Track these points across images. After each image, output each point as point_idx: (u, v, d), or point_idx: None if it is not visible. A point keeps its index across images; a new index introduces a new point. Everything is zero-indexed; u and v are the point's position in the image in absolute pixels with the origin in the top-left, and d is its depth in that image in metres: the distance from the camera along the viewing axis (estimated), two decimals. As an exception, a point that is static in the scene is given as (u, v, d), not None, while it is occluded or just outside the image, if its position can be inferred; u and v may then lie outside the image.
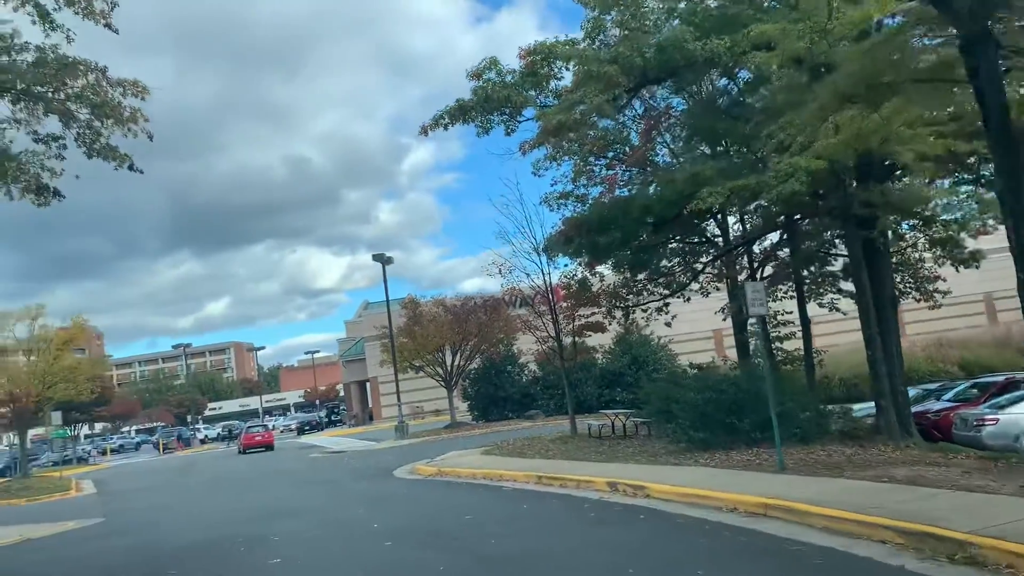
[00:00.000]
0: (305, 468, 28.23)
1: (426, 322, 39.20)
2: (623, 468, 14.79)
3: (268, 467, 31.18)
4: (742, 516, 9.74)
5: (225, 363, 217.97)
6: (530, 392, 42.47)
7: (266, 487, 22.20)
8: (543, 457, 19.42)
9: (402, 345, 39.53)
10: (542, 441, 24.71)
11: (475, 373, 42.88)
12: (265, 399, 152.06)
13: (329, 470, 26.19)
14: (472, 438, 34.15)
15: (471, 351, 40.47)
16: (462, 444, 30.28)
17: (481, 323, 38.78)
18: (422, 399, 58.80)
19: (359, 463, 27.59)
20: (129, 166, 14.15)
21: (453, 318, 38.53)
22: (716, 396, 15.11)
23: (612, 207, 17.14)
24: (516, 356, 43.14)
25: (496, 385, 42.13)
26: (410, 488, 17.72)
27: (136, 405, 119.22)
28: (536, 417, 39.59)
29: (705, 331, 55.94)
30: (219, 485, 24.83)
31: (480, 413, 43.43)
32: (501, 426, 38.37)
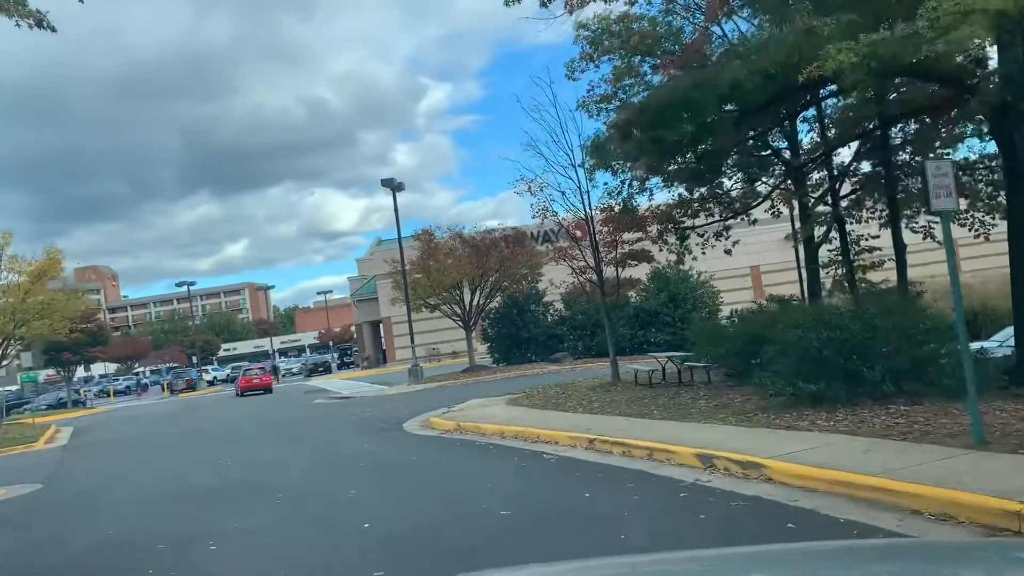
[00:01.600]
0: (303, 417, 24.68)
1: (442, 256, 35.26)
2: (708, 432, 10.90)
3: (263, 415, 27.68)
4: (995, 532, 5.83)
5: (240, 304, 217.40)
6: (556, 333, 38.63)
7: (249, 443, 18.61)
8: (587, 411, 15.60)
9: (416, 281, 35.70)
10: (578, 389, 20.96)
11: (496, 312, 39.05)
12: (280, 340, 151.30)
13: (329, 421, 22.62)
14: (493, 383, 30.51)
15: (491, 288, 36.59)
16: (482, 390, 26.65)
17: (503, 257, 34.80)
18: (438, 340, 55.32)
19: (365, 412, 24.01)
20: (39, 23, 11.41)
21: (472, 251, 34.55)
22: (835, 335, 11.08)
23: (687, 87, 12.99)
24: (541, 294, 39.22)
25: (519, 325, 38.30)
26: (422, 450, 13.98)
27: (146, 345, 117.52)
28: (563, 360, 35.86)
29: (741, 268, 51.80)
30: (199, 439, 21.32)
31: (501, 356, 39.74)
32: (525, 370, 34.70)
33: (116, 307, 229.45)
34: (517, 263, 34.68)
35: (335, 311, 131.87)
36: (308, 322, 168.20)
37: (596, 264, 21.14)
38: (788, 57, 11.30)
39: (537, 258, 35.50)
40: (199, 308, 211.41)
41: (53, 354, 45.59)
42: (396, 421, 19.76)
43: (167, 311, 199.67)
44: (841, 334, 11.11)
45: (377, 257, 59.76)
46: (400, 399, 27.73)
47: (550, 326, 38.89)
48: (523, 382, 28.61)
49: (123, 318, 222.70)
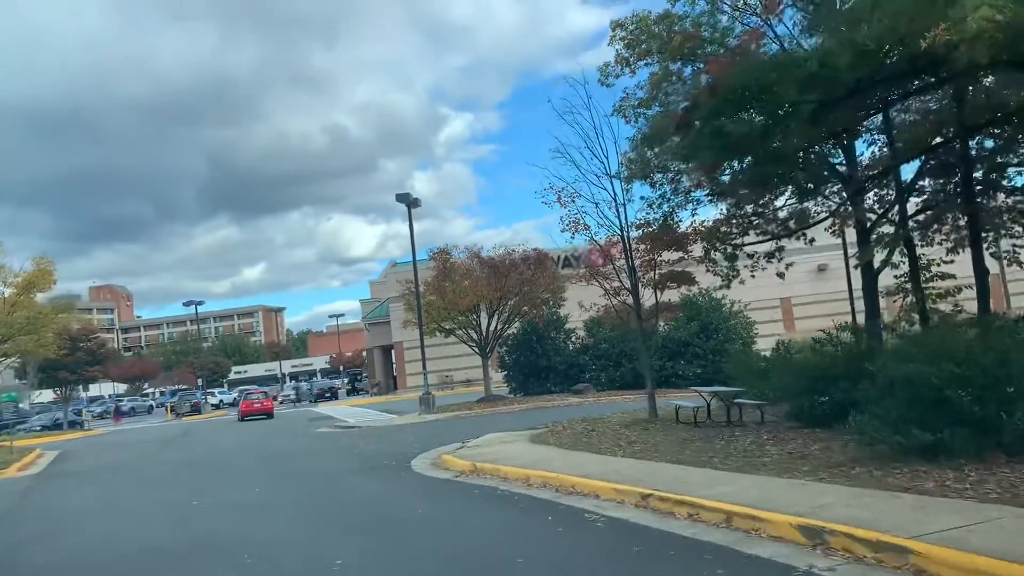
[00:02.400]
0: (300, 449, 22.35)
1: (458, 277, 33.07)
2: (802, 492, 8.50)
3: (259, 444, 25.37)
4: None
5: (254, 327, 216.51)
6: (578, 362, 36.24)
7: (235, 479, 16.30)
8: (628, 454, 13.19)
9: (430, 304, 33.47)
10: (610, 425, 18.56)
11: (514, 339, 36.74)
12: (292, 364, 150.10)
13: (329, 454, 20.27)
14: (511, 415, 28.12)
15: (510, 313, 34.32)
16: (500, 423, 24.30)
17: (523, 279, 32.56)
18: (451, 367, 52.98)
19: (371, 444, 21.68)
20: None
21: (490, 273, 32.33)
22: (961, 372, 8.70)
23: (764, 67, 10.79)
24: (562, 320, 36.90)
25: (538, 353, 35.93)
26: (432, 499, 11.62)
27: (155, 366, 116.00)
28: (586, 392, 33.43)
29: (771, 299, 49.34)
30: (182, 471, 19.02)
31: (518, 385, 37.34)
32: (544, 401, 32.29)
33: (129, 327, 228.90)
34: (538, 286, 32.42)
35: (348, 336, 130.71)
36: (321, 346, 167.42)
37: (632, 285, 18.82)
38: (903, 23, 9.05)
39: (559, 281, 33.26)
40: (212, 330, 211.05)
41: (50, 373, 43.58)
42: (403, 457, 17.41)
43: (180, 332, 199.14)
44: (968, 370, 8.72)
45: (391, 279, 57.67)
46: (409, 431, 25.39)
47: (571, 355, 36.51)
48: (543, 415, 26.23)
49: (136, 338, 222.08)
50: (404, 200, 32.41)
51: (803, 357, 16.25)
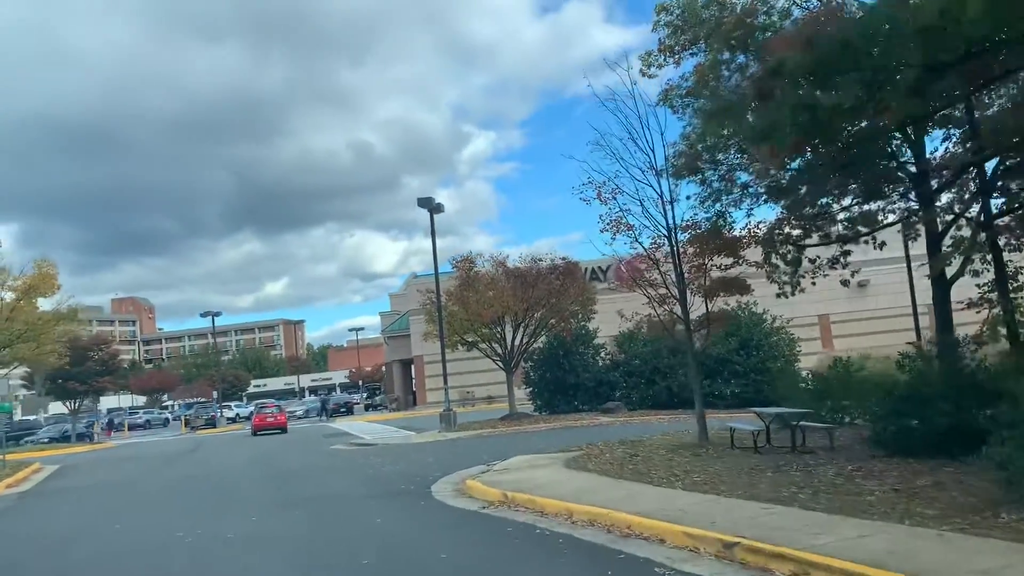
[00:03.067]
0: (311, 468, 20.48)
1: (482, 287, 31.21)
2: (950, 548, 6.50)
3: (268, 461, 23.56)
4: None
5: (274, 340, 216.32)
6: (608, 379, 34.19)
7: (234, 503, 14.46)
8: (688, 486, 11.18)
9: (452, 315, 31.63)
10: (654, 449, 16.58)
11: (539, 353, 34.77)
12: (311, 378, 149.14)
13: (341, 474, 18.39)
14: (538, 435, 26.14)
15: (536, 326, 32.38)
16: (527, 443, 22.37)
17: (551, 290, 30.63)
18: (474, 383, 51.02)
19: (388, 464, 19.78)
20: None
21: (516, 283, 30.45)
22: None
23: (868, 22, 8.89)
24: (591, 335, 34.89)
25: (565, 369, 33.92)
26: (457, 538, 9.71)
27: (174, 379, 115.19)
28: (616, 411, 31.37)
29: (808, 316, 47.02)
30: (179, 492, 17.25)
31: (544, 403, 35.32)
32: (572, 420, 30.27)
33: (151, 339, 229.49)
34: (567, 297, 30.48)
35: (368, 351, 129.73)
36: (341, 361, 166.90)
37: (680, 292, 16.86)
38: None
39: (589, 293, 31.31)
40: (233, 343, 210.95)
41: (59, 382, 42.17)
42: (423, 481, 15.53)
43: (201, 345, 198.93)
44: None
45: (411, 291, 55.93)
46: (429, 449, 23.48)
47: (601, 371, 34.47)
48: (573, 435, 24.26)
49: (157, 350, 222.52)
50: (426, 205, 30.67)
51: (883, 374, 14.20)
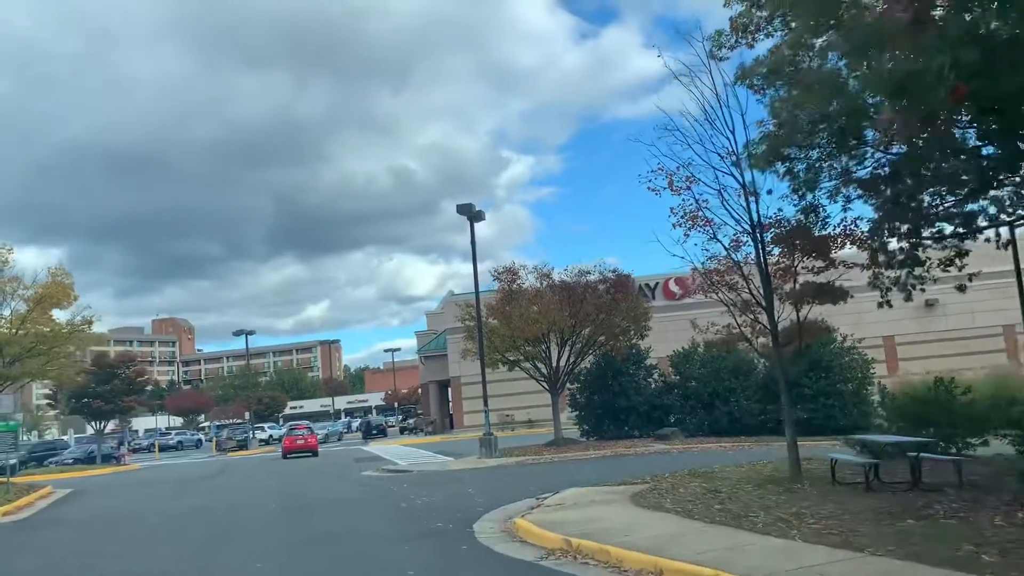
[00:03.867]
0: (339, 499, 18.21)
1: (525, 302, 28.90)
2: None
3: (293, 489, 21.37)
4: None
5: (312, 362, 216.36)
6: (662, 403, 31.51)
7: (246, 542, 12.23)
8: (809, 536, 8.64)
9: (493, 331, 29.32)
10: (736, 484, 14.04)
11: (587, 374, 32.26)
12: (347, 400, 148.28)
13: (372, 507, 16.09)
14: (588, 463, 23.66)
15: (584, 344, 29.94)
16: (578, 473, 19.97)
17: (600, 304, 28.21)
18: (513, 406, 48.55)
19: (423, 495, 17.44)
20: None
21: (563, 297, 28.07)
22: None
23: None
24: (643, 354, 32.30)
25: (615, 391, 31.34)
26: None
27: (209, 399, 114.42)
28: (672, 438, 28.69)
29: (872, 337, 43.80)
30: (187, 526, 15.12)
31: (591, 428, 32.73)
32: (623, 447, 27.68)
33: (190, 360, 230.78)
34: (618, 313, 28.01)
35: (404, 372, 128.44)
36: (377, 383, 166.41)
37: (767, 298, 14.35)
38: None
39: (642, 307, 28.80)
40: (270, 364, 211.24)
41: (84, 401, 40.63)
42: (464, 517, 13.20)
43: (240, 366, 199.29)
44: None
45: (449, 309, 53.82)
46: (469, 479, 21.11)
47: (654, 394, 31.80)
48: (629, 464, 21.79)
49: (196, 371, 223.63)
50: (466, 212, 28.50)
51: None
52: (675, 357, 31.76)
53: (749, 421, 29.37)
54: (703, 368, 30.55)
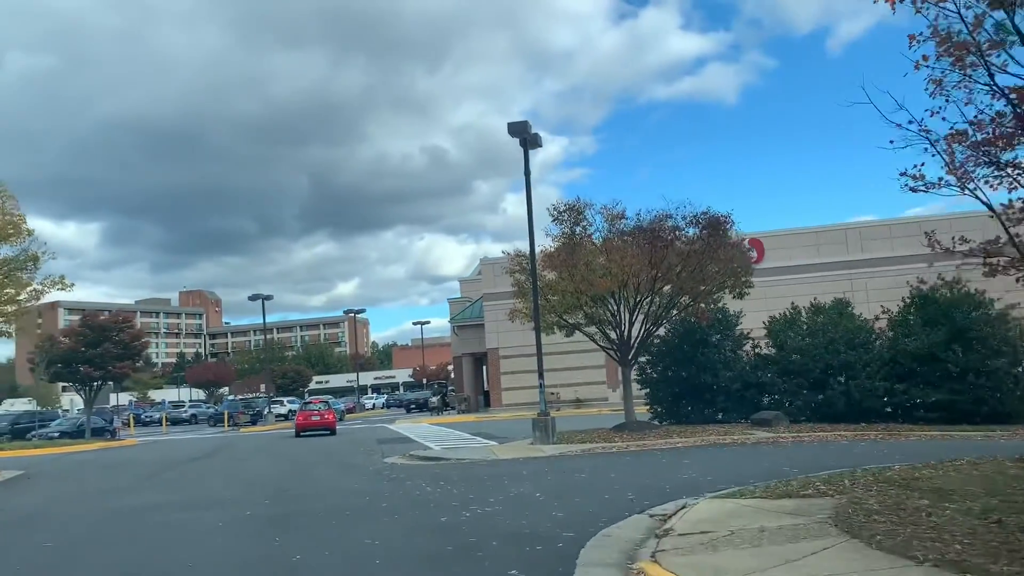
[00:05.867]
0: (344, 502, 12.39)
1: (593, 249, 22.99)
2: None
3: (292, 478, 15.68)
4: None
5: (339, 337, 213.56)
6: (756, 381, 25.31)
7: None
8: None
9: (550, 287, 23.43)
10: (973, 496, 8.07)
11: (661, 344, 26.24)
12: (375, 376, 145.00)
13: (393, 525, 10.29)
14: (681, 455, 17.79)
15: (666, 304, 23.96)
16: (677, 469, 14.34)
17: (690, 253, 22.17)
18: (559, 382, 42.63)
19: (473, 503, 11.63)
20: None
21: (643, 242, 22.04)
22: None
23: None
24: (732, 319, 26.17)
25: (699, 365, 25.26)
26: None
27: (229, 372, 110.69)
28: (775, 424, 22.65)
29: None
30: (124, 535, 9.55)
31: (665, 409, 26.72)
32: (716, 434, 21.73)
33: (217, 333, 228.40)
34: (714, 262, 21.93)
35: (431, 351, 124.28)
36: (405, 359, 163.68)
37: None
38: None
39: (744, 257, 22.70)
40: (298, 339, 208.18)
41: (73, 367, 35.46)
42: (547, 553, 7.51)
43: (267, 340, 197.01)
44: None
45: (487, 273, 47.99)
46: (529, 473, 15.28)
47: (745, 370, 25.64)
48: (740, 459, 16.12)
49: (223, 344, 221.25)
50: (518, 132, 22.48)
51: None
52: (775, 324, 25.63)
53: (871, 404, 23.23)
54: (812, 339, 24.40)
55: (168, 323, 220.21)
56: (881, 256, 42.28)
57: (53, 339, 36.38)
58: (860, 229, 45.57)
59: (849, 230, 45.55)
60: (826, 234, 45.47)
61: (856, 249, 43.93)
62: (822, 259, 43.53)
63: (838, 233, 45.31)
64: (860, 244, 44.12)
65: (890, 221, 46.29)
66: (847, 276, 41.69)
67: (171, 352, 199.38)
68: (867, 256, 43.11)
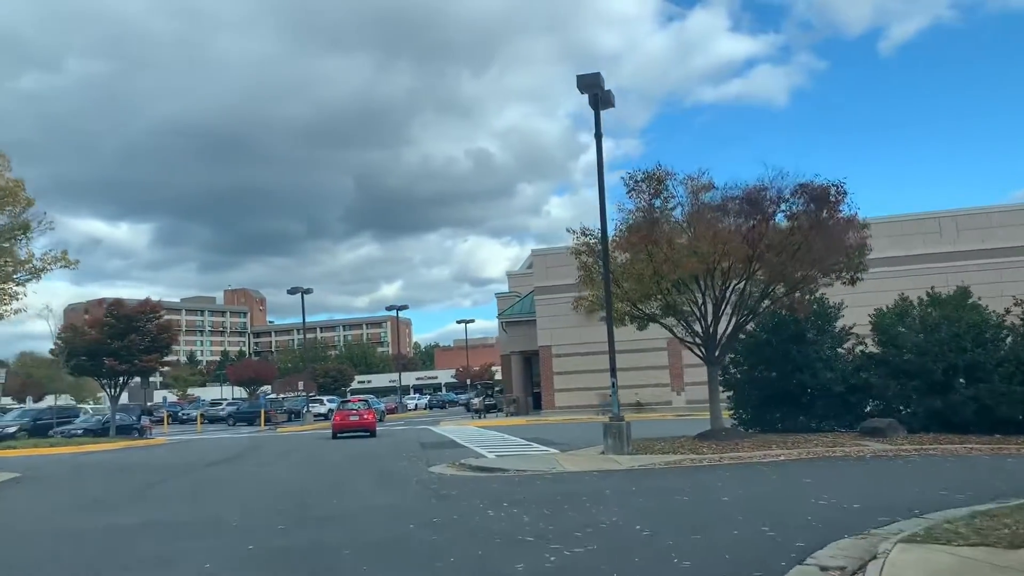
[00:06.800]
0: (386, 539, 9.20)
1: (673, 226, 19.59)
2: None
3: (306, 507, 12.48)
4: None
5: (381, 337, 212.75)
6: (860, 383, 21.59)
7: None
8: None
9: (625, 272, 20.11)
10: None
11: (747, 339, 22.68)
12: (417, 376, 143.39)
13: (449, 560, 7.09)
14: (787, 468, 14.37)
15: (753, 295, 20.48)
16: (799, 490, 10.88)
17: (788, 231, 18.65)
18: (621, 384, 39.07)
19: (556, 538, 8.37)
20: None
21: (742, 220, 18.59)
22: None
23: None
24: (832, 311, 22.51)
25: (796, 364, 21.64)
26: None
27: (271, 370, 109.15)
28: (890, 434, 19.01)
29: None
30: None
31: (751, 415, 23.11)
32: (816, 444, 18.18)
33: (261, 331, 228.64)
34: (824, 239, 18.35)
35: (475, 352, 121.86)
36: (447, 360, 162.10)
37: None
38: None
39: (858, 235, 19.09)
40: (340, 338, 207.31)
41: (99, 359, 33.04)
42: None
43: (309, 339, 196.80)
44: None
45: (539, 264, 44.68)
46: (606, 491, 11.97)
47: (847, 370, 21.90)
48: (863, 475, 13.30)
49: (267, 343, 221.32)
50: (589, 86, 19.16)
51: None
52: (882, 317, 21.93)
53: (1006, 412, 19.44)
54: (927, 334, 20.68)
55: (212, 321, 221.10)
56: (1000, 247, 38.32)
57: (77, 329, 34.01)
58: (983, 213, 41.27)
59: (960, 216, 41.23)
60: (926, 222, 41.16)
61: (974, 239, 39.59)
62: (928, 249, 39.25)
63: (946, 220, 41.02)
64: (976, 232, 39.84)
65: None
66: (959, 268, 36.93)
67: (215, 350, 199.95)
68: (987, 246, 38.82)
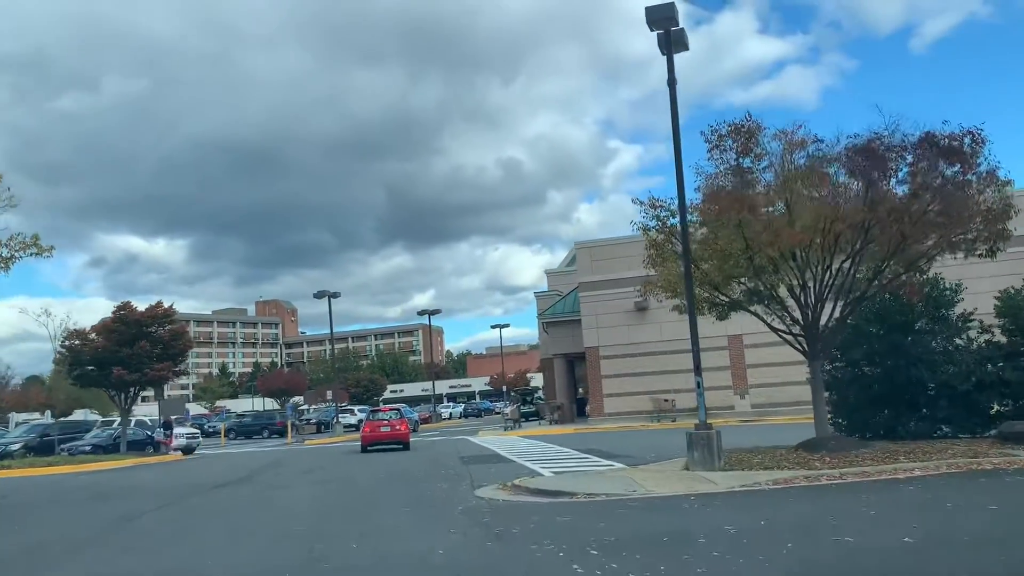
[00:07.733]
0: None
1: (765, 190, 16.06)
2: None
3: (343, 525, 9.18)
4: None
5: (413, 345, 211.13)
6: (991, 379, 17.85)
7: None
8: None
9: (704, 246, 16.61)
10: None
11: (849, 331, 18.96)
12: (449, 384, 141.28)
13: None
14: (941, 489, 10.65)
15: (875, 270, 16.85)
16: (996, 523, 7.13)
17: (913, 191, 15.04)
18: (677, 386, 35.60)
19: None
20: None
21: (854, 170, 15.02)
22: None
23: None
24: (949, 296, 18.75)
25: (907, 358, 17.95)
26: None
27: (302, 380, 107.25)
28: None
29: None
30: None
31: (852, 420, 19.35)
32: (950, 454, 14.57)
33: (292, 342, 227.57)
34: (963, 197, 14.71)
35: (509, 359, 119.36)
36: (480, 368, 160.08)
37: None
38: None
39: (1001, 193, 15.39)
40: (372, 348, 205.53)
41: (106, 369, 30.23)
42: None
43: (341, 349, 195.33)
44: None
45: (583, 258, 41.18)
46: (725, 525, 8.46)
47: (971, 362, 18.11)
48: None
49: (299, 353, 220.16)
50: (660, 21, 15.73)
51: None
52: (1013, 298, 18.17)
53: None
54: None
55: (244, 333, 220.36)
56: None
57: (83, 336, 31.24)
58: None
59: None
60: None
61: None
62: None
63: None
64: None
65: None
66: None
67: (247, 362, 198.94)
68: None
